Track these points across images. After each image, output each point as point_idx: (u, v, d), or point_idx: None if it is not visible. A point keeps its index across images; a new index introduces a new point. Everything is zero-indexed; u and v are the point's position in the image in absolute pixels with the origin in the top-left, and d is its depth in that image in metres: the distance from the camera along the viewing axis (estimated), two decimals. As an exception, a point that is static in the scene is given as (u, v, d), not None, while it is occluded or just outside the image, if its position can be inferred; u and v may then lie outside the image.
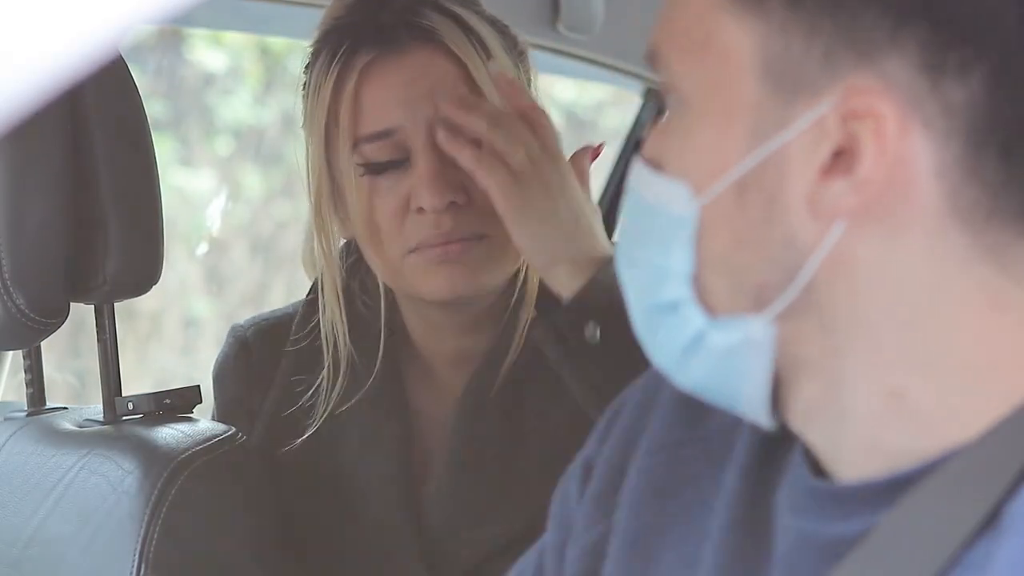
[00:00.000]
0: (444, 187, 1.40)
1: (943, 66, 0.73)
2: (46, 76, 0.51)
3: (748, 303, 0.79)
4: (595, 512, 0.94)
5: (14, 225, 1.36)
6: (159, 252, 1.45)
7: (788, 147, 0.76)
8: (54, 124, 1.38)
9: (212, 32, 3.57)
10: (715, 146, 0.78)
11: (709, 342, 0.80)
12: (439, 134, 1.39)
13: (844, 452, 0.80)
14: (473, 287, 1.43)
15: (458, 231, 1.41)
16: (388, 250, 1.44)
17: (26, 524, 1.42)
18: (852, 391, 0.78)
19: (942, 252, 0.75)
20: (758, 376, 0.80)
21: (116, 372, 1.48)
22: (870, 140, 0.74)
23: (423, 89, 1.42)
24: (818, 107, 0.75)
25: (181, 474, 1.35)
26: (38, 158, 1.37)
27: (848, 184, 0.75)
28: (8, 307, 1.37)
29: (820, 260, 0.76)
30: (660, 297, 0.82)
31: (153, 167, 1.45)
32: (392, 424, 1.50)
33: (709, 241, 0.79)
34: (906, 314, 0.76)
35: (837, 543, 0.78)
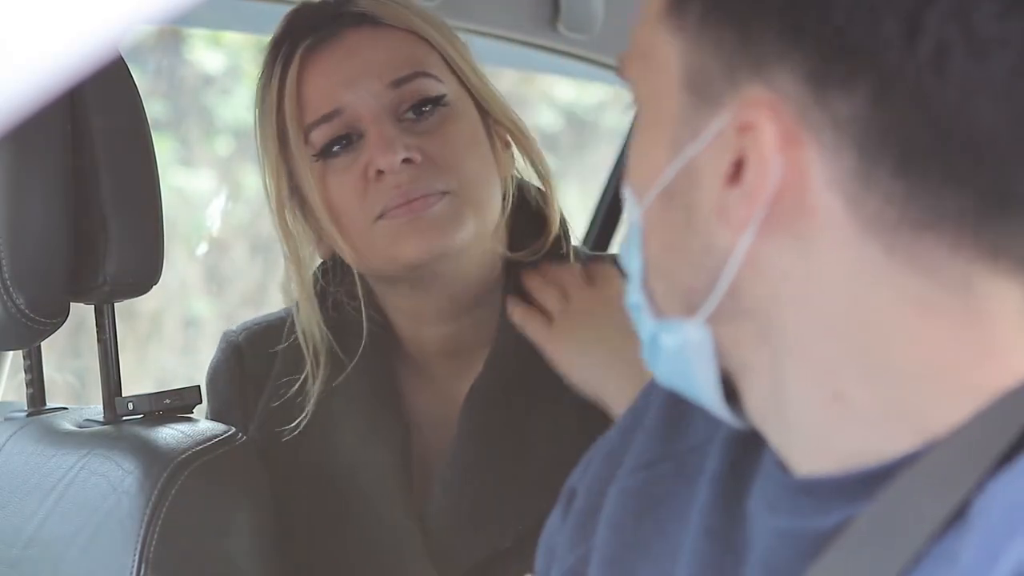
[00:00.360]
0: (396, 145, 1.42)
1: (827, 79, 0.74)
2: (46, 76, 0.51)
3: (681, 307, 0.81)
4: (576, 536, 0.96)
5: (14, 225, 1.36)
6: (159, 252, 1.45)
7: (698, 158, 0.78)
8: (54, 124, 1.38)
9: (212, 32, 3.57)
10: (649, 155, 0.81)
11: (661, 342, 0.83)
12: (514, 313, 1.47)
13: (795, 452, 0.81)
14: (445, 244, 1.43)
15: (419, 188, 1.42)
16: (353, 226, 1.45)
17: (26, 524, 1.42)
18: (794, 394, 0.79)
19: (854, 261, 0.75)
20: (705, 376, 0.82)
21: (116, 372, 1.49)
22: (752, 151, 0.76)
23: (361, 65, 1.45)
24: (720, 119, 0.77)
25: (181, 474, 1.35)
26: (38, 158, 1.37)
27: (739, 194, 0.76)
28: (8, 307, 1.37)
29: (737, 267, 0.77)
30: (630, 298, 0.85)
31: (153, 167, 1.45)
32: (389, 423, 1.51)
33: (648, 246, 0.82)
34: (832, 321, 0.77)
35: (813, 538, 0.78)
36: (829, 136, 0.74)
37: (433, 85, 1.46)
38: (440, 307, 1.50)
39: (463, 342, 1.51)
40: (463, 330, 1.51)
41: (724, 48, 0.77)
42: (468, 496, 1.47)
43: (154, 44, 3.61)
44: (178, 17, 0.62)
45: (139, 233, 1.43)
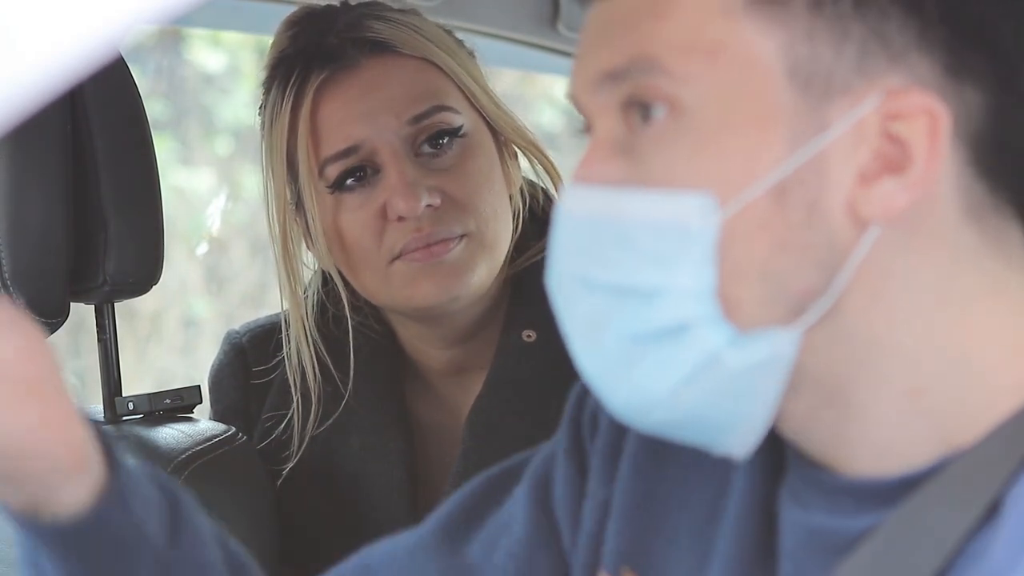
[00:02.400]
0: (418, 192, 1.39)
1: (964, 69, 0.74)
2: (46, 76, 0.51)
3: (783, 313, 0.77)
4: (606, 470, 0.93)
5: (14, 225, 1.36)
6: (159, 252, 1.45)
7: (827, 150, 0.75)
8: (54, 124, 1.38)
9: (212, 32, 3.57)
10: (746, 153, 0.76)
11: (724, 363, 0.77)
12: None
13: (853, 452, 0.79)
14: (461, 287, 1.42)
15: (439, 232, 1.40)
16: (369, 264, 1.43)
17: (26, 524, 1.42)
18: (869, 391, 0.78)
19: (954, 247, 0.76)
20: (770, 393, 0.78)
21: (116, 372, 1.48)
22: (923, 138, 0.74)
23: (382, 99, 1.42)
24: (858, 109, 0.75)
25: (181, 474, 1.35)
26: (38, 158, 1.37)
27: (899, 184, 0.75)
28: (8, 307, 1.36)
29: (856, 264, 0.75)
30: (656, 323, 0.78)
31: (153, 167, 1.45)
32: (394, 435, 1.49)
33: (741, 251, 0.76)
34: (925, 311, 0.76)
35: (846, 538, 0.78)
36: (961, 127, 0.75)
37: (451, 118, 1.43)
38: (445, 336, 1.49)
39: (467, 361, 1.51)
40: (468, 351, 1.50)
41: (850, 39, 0.75)
42: None
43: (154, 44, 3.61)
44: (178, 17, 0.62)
45: (139, 233, 1.43)
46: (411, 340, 1.52)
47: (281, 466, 1.51)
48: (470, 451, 1.46)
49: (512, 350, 1.48)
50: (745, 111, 0.76)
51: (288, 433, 1.52)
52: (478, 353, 1.50)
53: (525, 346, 1.47)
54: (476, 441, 1.46)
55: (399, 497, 1.48)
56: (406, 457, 1.49)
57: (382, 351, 1.52)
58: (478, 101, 1.46)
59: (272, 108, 1.44)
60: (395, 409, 1.50)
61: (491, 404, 1.47)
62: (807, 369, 0.78)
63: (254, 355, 1.56)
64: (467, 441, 1.47)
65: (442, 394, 1.53)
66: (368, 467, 1.49)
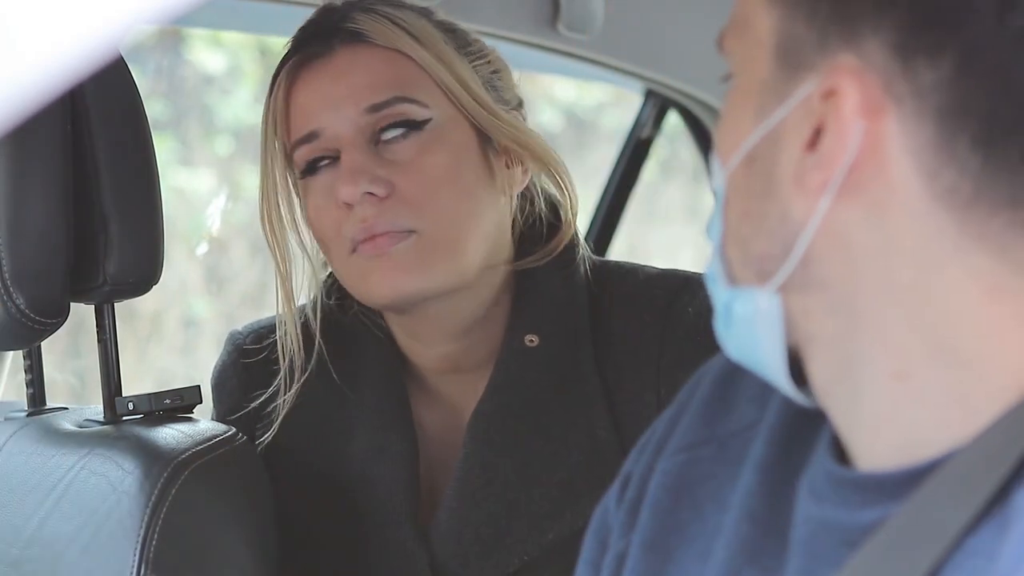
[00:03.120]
0: (360, 178, 1.40)
1: (915, 49, 0.74)
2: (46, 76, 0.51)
3: (753, 274, 0.82)
4: (627, 521, 0.96)
5: (14, 225, 1.36)
6: (159, 252, 1.45)
7: (783, 123, 0.79)
8: (54, 124, 1.38)
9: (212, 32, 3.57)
10: (736, 122, 0.81)
11: (734, 311, 0.83)
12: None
13: (859, 433, 0.81)
14: (411, 286, 1.41)
15: (382, 223, 1.40)
16: (334, 253, 1.45)
17: (26, 524, 1.42)
18: (860, 369, 0.79)
19: (928, 234, 0.76)
20: (772, 347, 0.82)
21: (116, 372, 1.48)
22: (832, 117, 0.76)
23: (347, 87, 1.43)
24: (806, 85, 0.77)
25: (181, 474, 1.35)
26: (38, 158, 1.37)
27: (815, 159, 0.77)
28: (8, 307, 1.36)
29: (812, 234, 0.78)
30: (709, 267, 0.86)
31: (153, 167, 1.45)
32: (397, 436, 1.49)
33: (729, 214, 0.83)
34: (901, 295, 0.77)
35: (855, 531, 0.79)
36: (911, 106, 0.75)
37: (413, 110, 1.42)
38: (435, 333, 1.48)
39: (466, 360, 1.50)
40: (465, 349, 1.49)
41: (818, 17, 0.77)
42: (472, 523, 1.45)
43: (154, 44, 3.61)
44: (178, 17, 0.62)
45: (139, 233, 1.43)
46: (404, 338, 1.51)
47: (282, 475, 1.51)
48: (471, 455, 1.46)
49: (514, 354, 1.47)
50: (743, 83, 0.82)
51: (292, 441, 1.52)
52: (474, 353, 1.49)
53: (528, 350, 1.47)
54: (477, 445, 1.46)
55: (403, 498, 1.47)
56: (410, 458, 1.48)
57: (384, 351, 1.52)
58: (457, 99, 1.44)
59: (266, 98, 1.48)
60: (398, 410, 1.50)
61: (493, 408, 1.47)
62: (813, 336, 0.81)
63: (256, 356, 1.56)
64: (468, 445, 1.46)
65: (442, 395, 1.52)
66: (372, 468, 1.48)
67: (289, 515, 1.49)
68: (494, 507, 1.45)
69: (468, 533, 1.45)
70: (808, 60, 0.77)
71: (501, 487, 1.45)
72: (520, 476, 1.45)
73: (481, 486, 1.45)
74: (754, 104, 0.80)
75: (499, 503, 1.45)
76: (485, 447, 1.46)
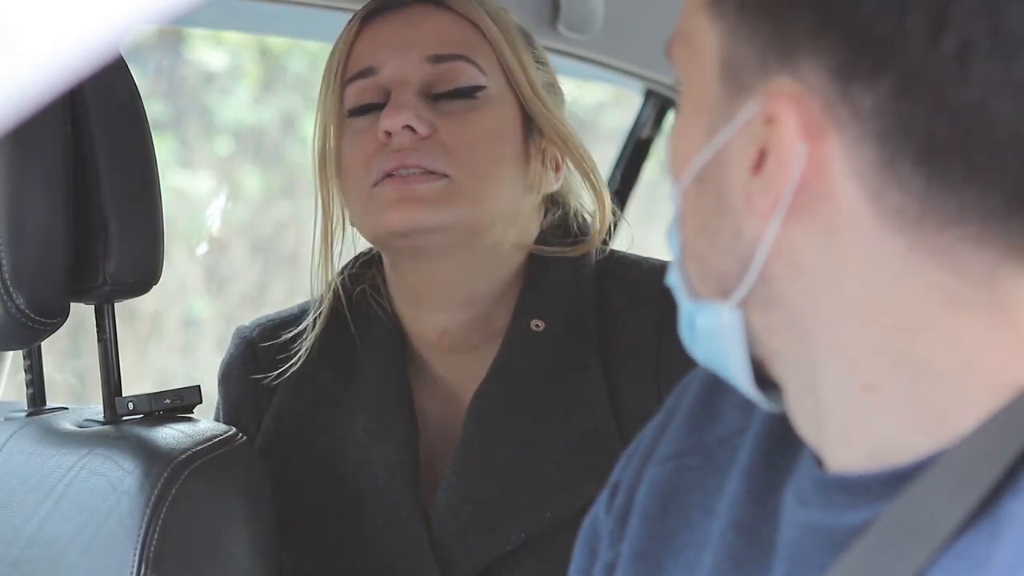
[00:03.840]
0: (405, 110, 1.42)
1: (853, 72, 0.74)
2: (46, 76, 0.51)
3: (713, 290, 0.82)
4: (616, 530, 0.96)
5: (14, 225, 1.36)
6: (159, 252, 1.45)
7: (729, 144, 0.79)
8: (54, 124, 1.38)
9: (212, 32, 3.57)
10: (685, 139, 0.82)
11: (697, 324, 0.84)
12: None
13: (827, 444, 0.81)
14: (425, 219, 1.43)
15: (415, 157, 1.42)
16: (356, 188, 1.46)
17: (26, 524, 1.42)
18: (826, 384, 0.79)
19: (876, 253, 0.76)
20: (736, 359, 0.82)
21: (116, 372, 1.49)
22: (773, 142, 0.76)
23: (411, 36, 1.46)
24: (748, 108, 0.77)
25: (181, 474, 1.35)
26: (38, 158, 1.37)
27: (761, 183, 0.77)
28: (8, 307, 1.36)
29: (766, 253, 0.78)
30: (670, 278, 0.86)
31: (153, 167, 1.45)
32: (398, 417, 1.50)
33: (685, 230, 0.83)
34: (858, 312, 0.77)
35: (842, 533, 0.79)
36: (852, 129, 0.75)
37: (473, 73, 1.46)
38: (440, 297, 1.50)
39: (467, 338, 1.51)
40: (467, 324, 1.51)
41: (758, 38, 0.77)
42: (470, 502, 1.47)
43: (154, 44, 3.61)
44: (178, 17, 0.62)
45: (139, 233, 1.43)
46: (407, 306, 1.53)
47: (288, 462, 1.52)
48: (471, 437, 1.47)
49: (520, 338, 1.49)
50: (690, 100, 0.82)
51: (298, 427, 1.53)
52: (476, 332, 1.50)
53: (533, 335, 1.49)
54: (477, 425, 1.48)
55: (403, 478, 1.48)
56: (410, 440, 1.49)
57: (387, 334, 1.53)
58: (515, 79, 1.48)
59: (334, 47, 1.51)
60: (399, 392, 1.51)
61: (494, 390, 1.48)
62: (776, 349, 0.81)
63: (264, 349, 1.58)
64: (468, 425, 1.48)
65: (445, 376, 1.53)
66: (372, 451, 1.50)
67: (291, 497, 1.50)
68: (492, 486, 1.46)
69: (466, 511, 1.46)
70: (749, 81, 0.77)
71: (499, 467, 1.46)
72: (518, 457, 1.46)
73: (479, 465, 1.46)
74: (703, 120, 0.80)
75: (497, 482, 1.46)
76: (485, 427, 1.47)
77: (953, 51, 0.72)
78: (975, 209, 0.74)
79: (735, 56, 0.78)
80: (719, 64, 0.79)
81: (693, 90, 0.81)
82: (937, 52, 0.72)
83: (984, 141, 0.73)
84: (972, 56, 0.72)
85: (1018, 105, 0.72)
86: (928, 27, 0.73)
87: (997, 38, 0.72)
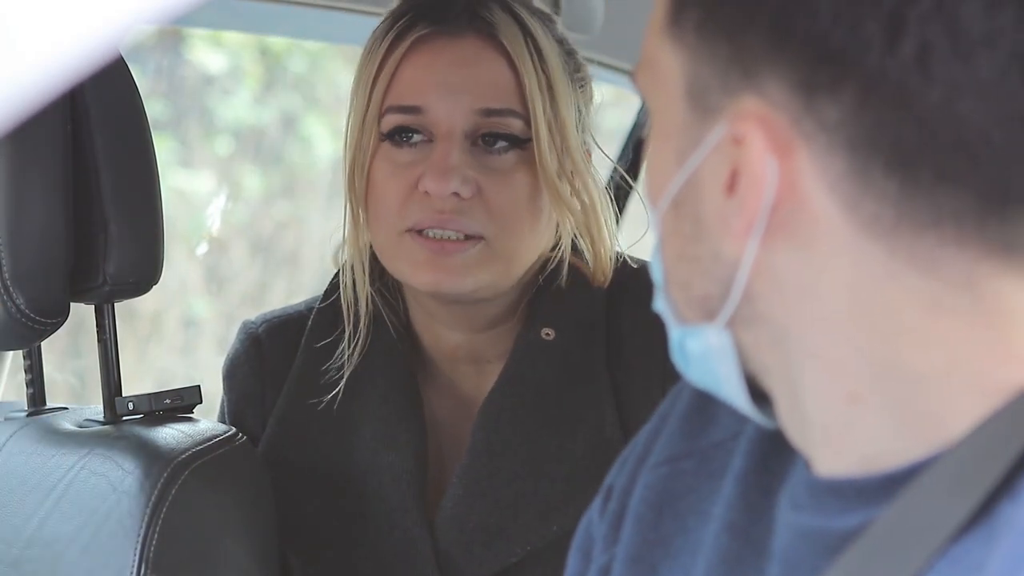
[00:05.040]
0: (453, 175, 1.40)
1: (815, 86, 0.74)
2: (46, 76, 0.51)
3: (698, 314, 0.82)
4: (610, 535, 0.96)
5: (14, 225, 1.36)
6: (159, 252, 1.45)
7: (700, 168, 0.78)
8: (54, 124, 1.38)
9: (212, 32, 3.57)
10: (658, 165, 0.81)
11: (687, 347, 0.84)
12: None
13: (816, 453, 0.81)
14: (458, 287, 1.43)
15: (457, 222, 1.41)
16: (385, 223, 1.44)
17: (26, 524, 1.42)
18: (812, 396, 0.79)
19: (856, 263, 0.76)
20: (730, 379, 0.82)
21: (116, 372, 1.49)
22: (743, 163, 0.76)
23: (466, 76, 1.43)
24: (716, 130, 0.77)
25: (181, 474, 1.35)
26: (38, 158, 1.37)
27: (735, 204, 0.77)
28: (8, 307, 1.36)
29: (747, 274, 0.78)
30: (656, 305, 0.86)
31: (153, 167, 1.45)
32: (406, 425, 1.50)
33: (664, 254, 0.83)
34: (841, 324, 0.77)
35: (835, 537, 0.79)
36: (820, 141, 0.75)
37: (522, 128, 1.43)
38: (459, 323, 1.50)
39: (481, 351, 1.52)
40: (483, 341, 1.51)
41: (719, 59, 0.77)
42: (477, 512, 1.46)
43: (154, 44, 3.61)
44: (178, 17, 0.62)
45: (139, 233, 1.43)
46: (423, 319, 1.52)
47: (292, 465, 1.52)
48: (478, 444, 1.47)
49: (530, 346, 1.48)
50: (659, 126, 0.82)
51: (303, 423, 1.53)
52: (494, 345, 1.51)
53: (543, 344, 1.48)
54: (485, 435, 1.47)
55: (410, 486, 1.48)
56: (417, 447, 1.49)
57: (398, 340, 1.52)
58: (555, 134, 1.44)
59: (376, 37, 1.46)
60: (407, 399, 1.51)
61: (503, 398, 1.48)
62: (764, 366, 0.81)
63: (270, 344, 1.57)
64: (476, 434, 1.48)
65: (455, 385, 1.53)
66: (379, 457, 1.49)
67: (296, 501, 1.50)
68: (499, 497, 1.46)
69: (472, 522, 1.45)
70: (715, 103, 0.77)
71: (507, 478, 1.46)
72: (526, 468, 1.46)
73: (487, 476, 1.46)
74: (673, 147, 0.80)
75: (504, 493, 1.46)
76: (493, 437, 1.47)
77: (912, 55, 0.72)
78: (949, 211, 0.73)
79: (698, 79, 0.78)
80: (684, 89, 0.79)
81: (661, 116, 0.81)
82: (896, 58, 0.72)
83: (952, 142, 0.73)
84: (932, 58, 0.72)
85: (984, 104, 0.72)
86: (885, 33, 0.72)
87: (956, 38, 0.72)
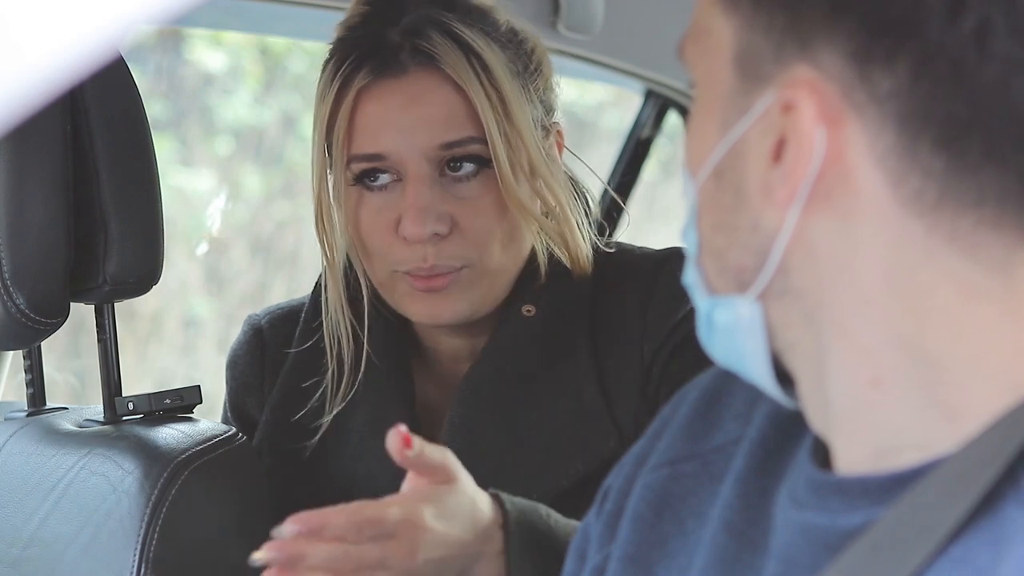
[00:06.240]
0: (428, 218, 1.41)
1: (870, 56, 0.74)
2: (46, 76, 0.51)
3: (732, 284, 0.82)
4: (605, 534, 0.96)
5: (14, 225, 1.36)
6: (159, 252, 1.45)
7: (745, 136, 0.79)
8: (54, 124, 1.38)
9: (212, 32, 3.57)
10: (702, 134, 0.81)
11: (715, 319, 0.83)
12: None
13: (834, 439, 0.81)
14: (454, 314, 1.46)
15: (442, 262, 1.43)
16: (376, 263, 1.47)
17: (26, 524, 1.42)
18: (835, 377, 0.79)
19: (896, 239, 0.76)
20: (756, 354, 0.82)
21: (116, 372, 1.49)
22: (791, 131, 0.76)
23: (419, 115, 1.43)
24: (765, 98, 0.77)
25: (181, 474, 1.35)
26: (38, 158, 1.37)
27: (780, 172, 0.77)
28: (8, 307, 1.37)
29: (785, 245, 0.78)
30: (687, 276, 0.86)
31: (153, 167, 1.45)
32: (397, 412, 1.51)
33: (701, 224, 0.83)
34: (874, 302, 0.77)
35: (836, 536, 0.79)
36: (871, 113, 0.75)
37: (483, 151, 1.43)
38: (456, 331, 1.52)
39: (477, 348, 1.53)
40: (477, 340, 1.53)
41: (774, 28, 0.77)
42: None
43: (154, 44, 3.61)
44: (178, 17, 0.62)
45: (139, 233, 1.43)
46: (421, 326, 1.54)
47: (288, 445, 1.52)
48: (458, 418, 1.49)
49: (510, 322, 1.50)
50: (705, 95, 0.82)
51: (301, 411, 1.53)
52: (482, 329, 1.52)
53: (523, 319, 1.50)
54: (465, 409, 1.49)
55: (398, 474, 1.48)
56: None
57: (393, 333, 1.53)
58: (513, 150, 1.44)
59: (323, 84, 1.46)
60: (400, 387, 1.52)
61: (482, 372, 1.50)
62: (792, 345, 0.81)
63: (272, 336, 1.59)
64: (456, 408, 1.49)
65: (449, 372, 1.55)
66: (369, 443, 1.50)
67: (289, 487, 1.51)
68: (478, 468, 1.46)
69: None
70: (766, 71, 0.77)
71: (486, 450, 1.47)
72: (505, 440, 1.48)
73: (466, 447, 1.47)
74: (717, 116, 0.80)
75: (484, 464, 1.46)
76: (472, 411, 1.49)
77: (971, 30, 0.72)
78: (993, 191, 0.74)
79: (751, 48, 0.78)
80: (734, 57, 0.79)
81: (708, 86, 0.81)
82: (955, 32, 0.72)
83: (1003, 120, 0.73)
84: (990, 35, 0.72)
85: None
86: (946, 7, 0.72)
87: (1014, 17, 0.72)
